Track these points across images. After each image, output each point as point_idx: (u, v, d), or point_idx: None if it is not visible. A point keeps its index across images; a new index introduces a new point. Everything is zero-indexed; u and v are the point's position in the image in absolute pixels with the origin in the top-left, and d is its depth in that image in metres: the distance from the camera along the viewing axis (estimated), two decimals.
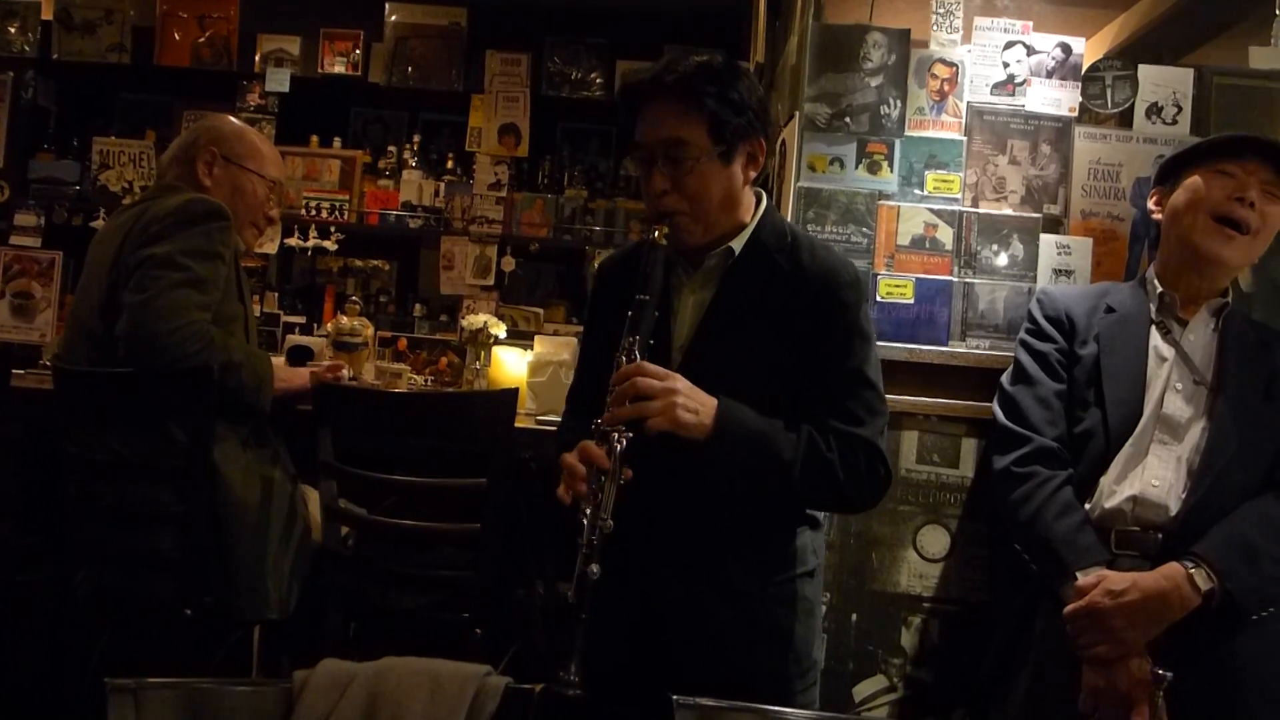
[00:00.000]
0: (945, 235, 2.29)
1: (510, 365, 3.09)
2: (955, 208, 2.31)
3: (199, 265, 2.19)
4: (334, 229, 4.41)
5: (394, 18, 4.54)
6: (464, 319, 3.42)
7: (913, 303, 2.25)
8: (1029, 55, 2.36)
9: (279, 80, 4.45)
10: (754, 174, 1.72)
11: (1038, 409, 1.96)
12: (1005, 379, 2.05)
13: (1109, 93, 2.35)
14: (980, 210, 2.32)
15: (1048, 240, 2.29)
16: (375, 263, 4.90)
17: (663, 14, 4.25)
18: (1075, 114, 2.36)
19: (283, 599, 2.25)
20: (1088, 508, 1.88)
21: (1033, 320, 2.05)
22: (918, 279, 2.26)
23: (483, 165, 4.48)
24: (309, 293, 4.74)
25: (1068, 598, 1.79)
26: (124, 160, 4.42)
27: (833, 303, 1.66)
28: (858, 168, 2.33)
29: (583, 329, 1.98)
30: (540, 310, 4.28)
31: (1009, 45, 2.36)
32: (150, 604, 2.23)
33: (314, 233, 4.39)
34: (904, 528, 2.19)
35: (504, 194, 4.48)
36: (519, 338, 3.54)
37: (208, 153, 2.40)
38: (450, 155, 4.60)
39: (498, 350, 3.18)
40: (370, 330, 3.28)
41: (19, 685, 2.62)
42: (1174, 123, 2.34)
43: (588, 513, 1.49)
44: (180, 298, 2.14)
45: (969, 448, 2.19)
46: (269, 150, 2.52)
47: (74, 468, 2.27)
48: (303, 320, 4.26)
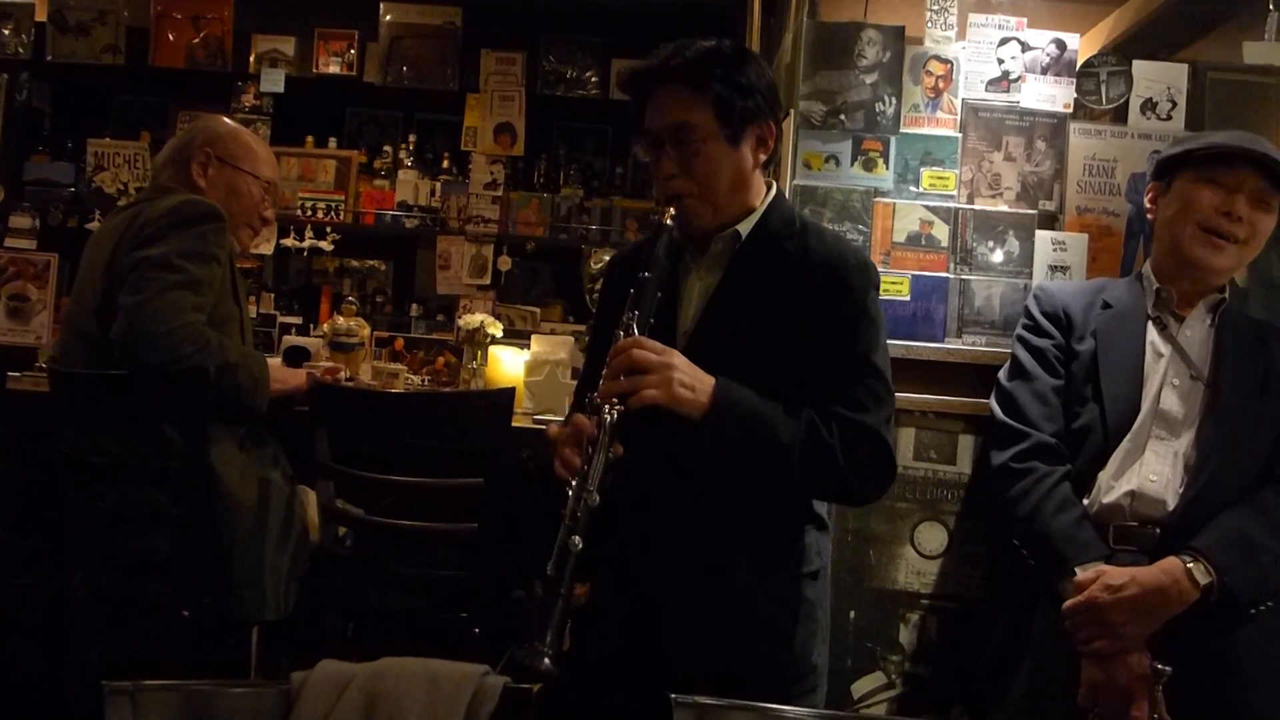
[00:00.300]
0: (941, 232, 2.29)
1: (507, 365, 3.09)
2: (951, 204, 2.31)
3: (194, 267, 2.18)
4: (330, 229, 4.41)
5: (389, 17, 4.54)
6: (460, 319, 3.42)
7: (909, 300, 2.25)
8: (1023, 51, 2.36)
9: (274, 81, 4.44)
10: (764, 157, 1.71)
11: (1035, 405, 1.96)
12: (1003, 375, 2.05)
13: (1103, 89, 2.35)
14: (976, 207, 2.32)
15: (1043, 236, 2.29)
16: (371, 263, 4.89)
17: (658, 12, 4.24)
18: (1070, 110, 2.36)
19: (280, 600, 2.25)
20: (1086, 503, 1.88)
21: (1030, 316, 2.05)
22: (914, 276, 2.26)
23: (478, 165, 4.48)
24: (305, 293, 4.74)
25: (1066, 593, 1.79)
26: (119, 162, 4.41)
27: (839, 287, 1.64)
28: (853, 165, 2.33)
29: (591, 322, 1.97)
30: (537, 309, 4.27)
31: (1003, 42, 2.36)
32: (148, 606, 2.23)
33: (310, 233, 4.38)
34: (902, 525, 2.19)
35: (500, 193, 4.47)
36: (516, 337, 3.53)
37: (203, 154, 2.40)
38: (446, 155, 4.59)
39: (494, 350, 3.17)
40: (367, 330, 3.27)
41: (17, 688, 2.62)
42: (1168, 118, 2.34)
43: (573, 484, 1.47)
44: (176, 299, 2.13)
45: (966, 444, 2.19)
46: (264, 151, 2.52)
47: (71, 470, 2.27)
48: (299, 321, 4.25)
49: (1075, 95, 2.36)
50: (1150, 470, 1.87)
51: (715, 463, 1.58)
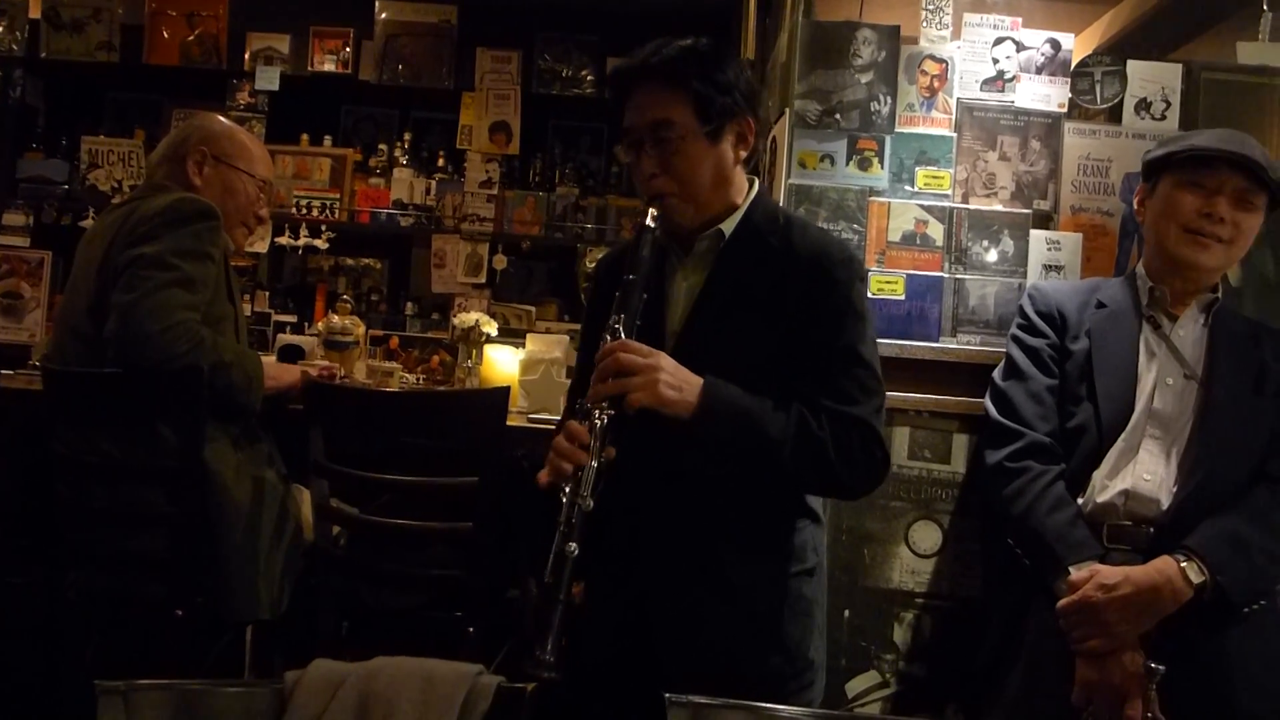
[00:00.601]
0: (936, 231, 2.29)
1: (502, 363, 3.08)
2: (946, 204, 2.32)
3: (189, 265, 2.18)
4: (325, 228, 4.40)
5: (384, 15, 4.53)
6: (456, 317, 3.42)
7: (904, 299, 2.25)
8: (1018, 51, 2.37)
9: (269, 78, 4.43)
10: (744, 154, 1.71)
11: (1030, 404, 1.96)
12: (997, 374, 2.05)
13: (1098, 88, 2.36)
14: (970, 206, 2.32)
15: (1038, 236, 2.29)
16: (366, 261, 4.89)
17: (653, 11, 4.24)
18: (1065, 110, 2.36)
19: (274, 599, 2.24)
20: (1080, 502, 1.88)
21: (1024, 316, 2.06)
22: (908, 275, 2.27)
23: (474, 163, 4.47)
24: (300, 292, 4.73)
25: (1061, 592, 1.80)
26: (113, 159, 4.40)
27: (824, 280, 1.64)
28: (848, 164, 2.33)
29: (581, 326, 1.97)
30: (532, 308, 4.27)
31: (998, 41, 2.36)
32: (142, 605, 2.23)
33: (305, 231, 4.37)
34: (896, 523, 2.20)
35: (495, 192, 4.47)
36: (511, 336, 3.53)
37: (198, 152, 2.39)
38: (441, 153, 4.59)
39: (489, 349, 3.17)
40: (362, 329, 3.27)
41: (10, 687, 2.61)
42: (1163, 118, 2.35)
43: (567, 490, 1.47)
44: (170, 298, 2.13)
45: (960, 443, 2.19)
46: (258, 149, 2.52)
47: (64, 469, 2.26)
48: (294, 319, 4.25)
49: (1070, 95, 2.36)
50: (1144, 469, 1.87)
51: (706, 462, 1.58)
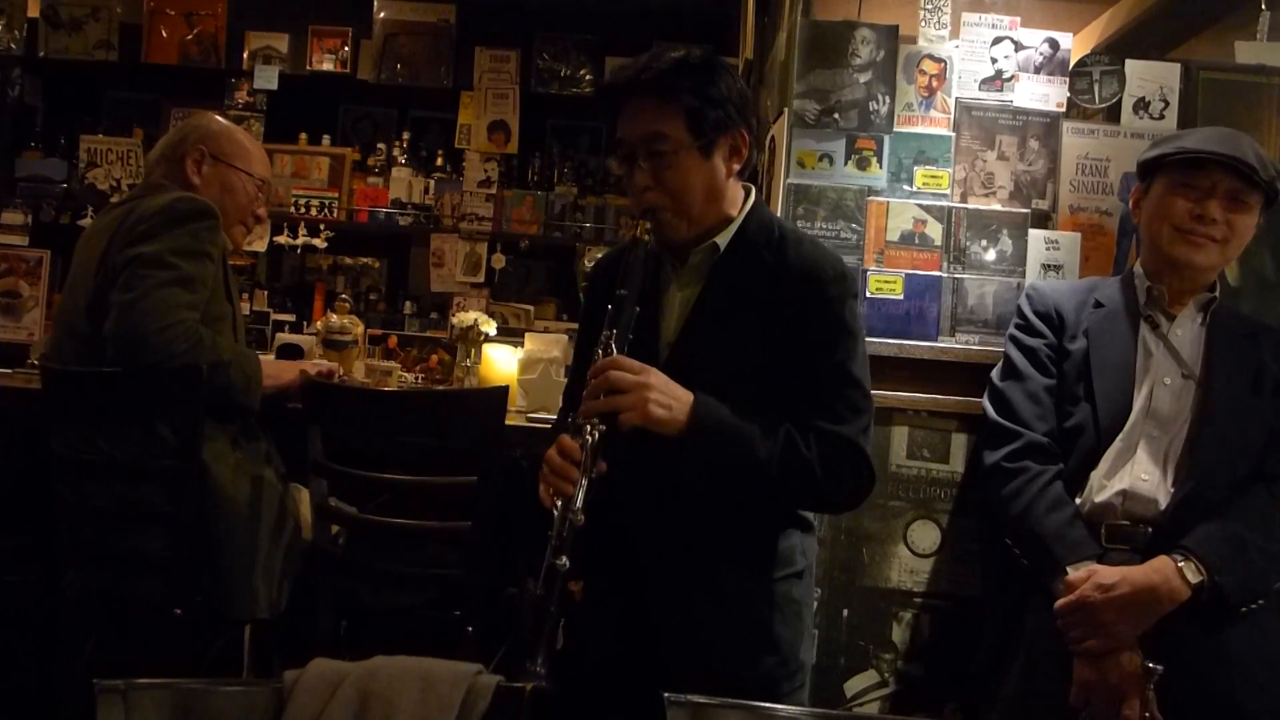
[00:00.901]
0: (934, 231, 2.30)
1: (501, 363, 3.08)
2: (944, 203, 2.32)
3: (187, 264, 2.18)
4: (323, 227, 4.40)
5: (383, 14, 4.53)
6: (454, 316, 3.41)
7: (902, 298, 2.25)
8: (1017, 51, 2.37)
9: (267, 78, 4.44)
10: (738, 166, 1.71)
11: (1028, 404, 1.96)
12: (995, 374, 2.05)
13: (1096, 88, 2.36)
14: (969, 206, 2.32)
15: (1036, 235, 2.29)
16: (365, 260, 4.89)
17: (652, 10, 4.25)
18: (1063, 109, 2.36)
19: (273, 598, 2.24)
20: (1078, 502, 1.89)
21: (1022, 315, 2.06)
22: (907, 274, 2.27)
23: (472, 162, 4.48)
24: (298, 291, 4.73)
25: (1059, 592, 1.80)
26: (111, 158, 4.41)
27: (816, 297, 1.65)
28: (847, 164, 2.33)
29: (576, 328, 1.98)
30: (531, 307, 4.27)
31: (997, 41, 2.36)
32: (140, 604, 2.22)
33: (303, 230, 4.37)
34: (894, 523, 2.20)
35: (494, 191, 4.47)
36: (509, 335, 3.52)
37: (196, 151, 2.39)
38: (440, 152, 4.59)
39: (488, 348, 3.17)
40: (360, 328, 3.26)
41: (9, 686, 2.61)
42: (1161, 117, 2.35)
43: (559, 505, 1.49)
44: (168, 297, 2.13)
45: (959, 443, 2.19)
46: (257, 149, 2.52)
47: (62, 468, 2.26)
48: (292, 318, 4.26)
49: (1068, 94, 2.36)
50: (1142, 469, 1.87)
51: (695, 478, 1.60)
